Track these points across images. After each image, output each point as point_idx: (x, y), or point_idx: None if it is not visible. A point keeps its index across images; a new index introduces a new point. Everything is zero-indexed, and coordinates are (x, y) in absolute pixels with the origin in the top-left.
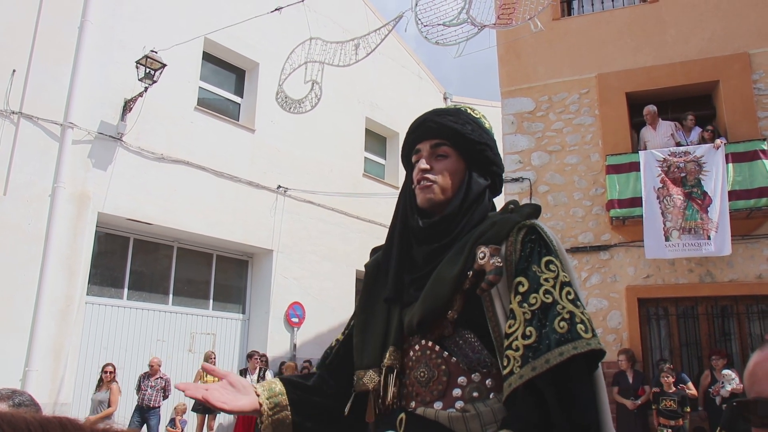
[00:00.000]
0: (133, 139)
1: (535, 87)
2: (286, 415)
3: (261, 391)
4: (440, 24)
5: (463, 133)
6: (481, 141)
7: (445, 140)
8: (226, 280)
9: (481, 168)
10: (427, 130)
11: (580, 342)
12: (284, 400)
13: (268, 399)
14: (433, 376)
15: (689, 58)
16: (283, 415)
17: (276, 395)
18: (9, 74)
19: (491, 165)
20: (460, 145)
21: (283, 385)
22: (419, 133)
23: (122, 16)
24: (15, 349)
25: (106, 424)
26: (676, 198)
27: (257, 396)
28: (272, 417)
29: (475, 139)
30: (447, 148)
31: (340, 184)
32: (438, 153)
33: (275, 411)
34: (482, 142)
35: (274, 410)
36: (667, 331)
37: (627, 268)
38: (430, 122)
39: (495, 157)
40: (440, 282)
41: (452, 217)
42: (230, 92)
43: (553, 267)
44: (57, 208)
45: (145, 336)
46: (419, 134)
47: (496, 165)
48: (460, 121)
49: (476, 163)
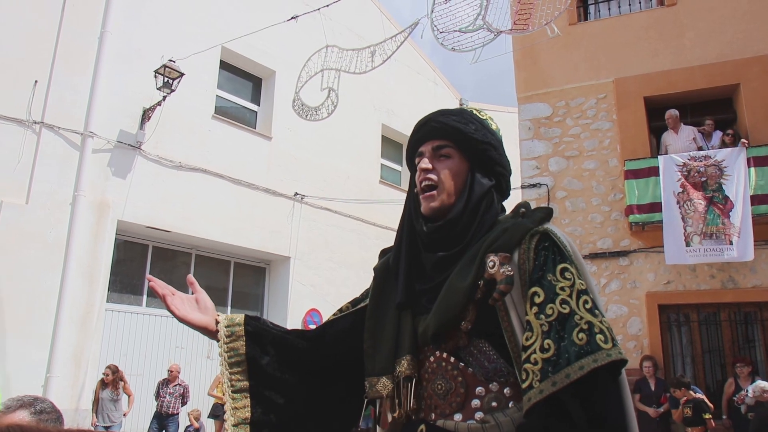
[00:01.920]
0: (151, 148)
1: (552, 92)
2: (240, 345)
3: (221, 318)
4: (456, 30)
5: (466, 133)
6: (484, 140)
7: (448, 141)
8: (243, 287)
9: (484, 169)
10: (430, 131)
11: (600, 354)
12: (240, 331)
13: (226, 327)
14: (451, 388)
15: (708, 61)
16: (238, 344)
17: (234, 325)
18: (31, 85)
19: (495, 165)
20: (463, 144)
21: (244, 321)
22: (422, 134)
23: (141, 26)
24: (37, 355)
25: None
26: (697, 203)
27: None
28: (228, 344)
29: (478, 139)
30: (450, 149)
31: (357, 191)
32: (441, 154)
33: (231, 339)
34: (485, 142)
35: (230, 338)
36: (688, 338)
37: (647, 274)
38: (433, 122)
39: (499, 157)
40: (453, 293)
41: (457, 220)
42: (247, 100)
43: (569, 275)
44: (77, 216)
45: (163, 343)
46: (422, 135)
47: (501, 165)
48: (463, 120)
49: (480, 163)
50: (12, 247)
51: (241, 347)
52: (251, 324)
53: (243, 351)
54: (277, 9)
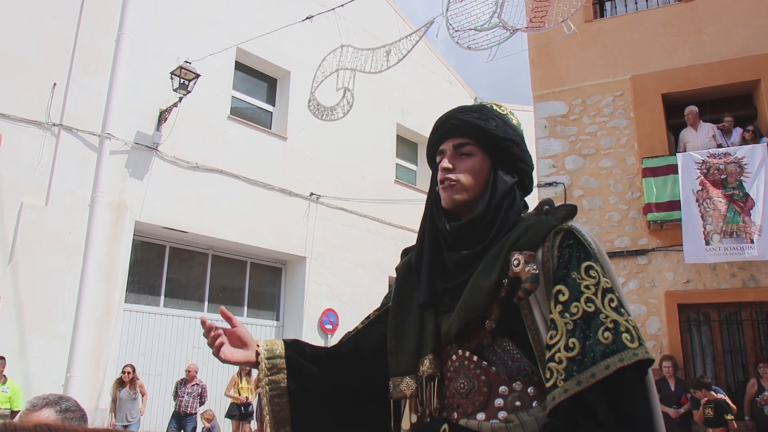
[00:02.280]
0: (168, 149)
1: (568, 90)
2: (282, 378)
3: (262, 350)
4: (471, 28)
5: (487, 129)
6: (506, 137)
7: (469, 138)
8: (260, 287)
9: (507, 165)
10: (450, 129)
11: (626, 353)
12: (282, 363)
13: (267, 359)
14: (474, 387)
15: (728, 57)
16: (279, 377)
17: (275, 357)
18: (50, 88)
19: (518, 162)
20: (485, 142)
21: (284, 348)
22: (442, 132)
23: (157, 28)
24: (57, 355)
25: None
26: (717, 201)
27: (257, 354)
28: (269, 377)
29: (500, 135)
30: (471, 147)
31: (372, 191)
32: (462, 152)
33: (272, 371)
34: (507, 138)
35: (271, 371)
36: (708, 337)
37: (666, 273)
38: (453, 120)
39: (522, 153)
40: (476, 292)
41: (480, 219)
42: (262, 101)
43: (594, 273)
44: (96, 217)
45: (181, 343)
46: (442, 133)
47: (524, 162)
48: (483, 117)
49: (502, 160)
50: (32, 248)
51: (282, 380)
52: (292, 355)
53: (284, 384)
54: (292, 10)
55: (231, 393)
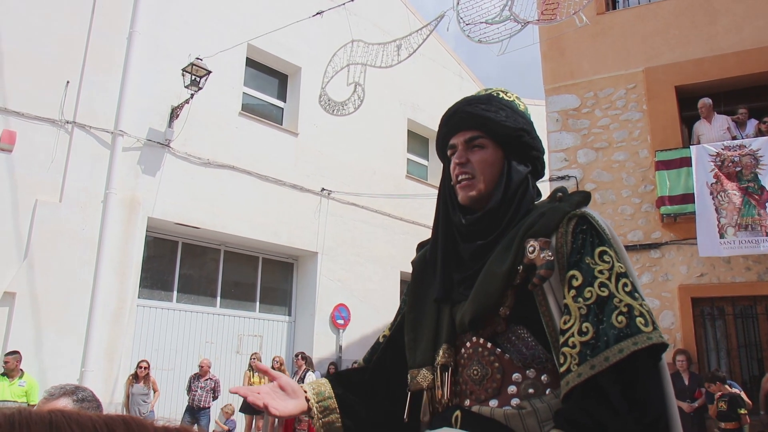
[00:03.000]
0: (180, 145)
1: (580, 83)
2: (336, 418)
3: (311, 395)
4: (482, 22)
5: (497, 121)
6: (517, 127)
7: (480, 131)
8: (272, 282)
9: (519, 155)
10: (459, 122)
11: (640, 337)
12: (333, 404)
13: (318, 402)
14: (487, 373)
15: (743, 48)
16: (332, 417)
17: (325, 399)
18: (63, 86)
19: (530, 150)
20: (496, 133)
21: (331, 387)
22: (451, 125)
23: (168, 25)
24: (72, 350)
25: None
26: (732, 194)
27: (306, 400)
28: (323, 419)
29: (511, 126)
30: (483, 140)
31: (383, 186)
32: (474, 145)
33: (325, 413)
34: (519, 128)
35: (324, 413)
36: (723, 331)
37: (679, 266)
38: (462, 113)
39: (533, 141)
40: (490, 279)
41: (495, 211)
42: (273, 97)
43: (608, 258)
44: (109, 214)
45: (194, 338)
46: (452, 126)
47: (535, 149)
48: (492, 108)
49: (514, 150)
50: (47, 244)
51: (336, 420)
52: (340, 393)
53: (339, 424)
54: (302, 5)
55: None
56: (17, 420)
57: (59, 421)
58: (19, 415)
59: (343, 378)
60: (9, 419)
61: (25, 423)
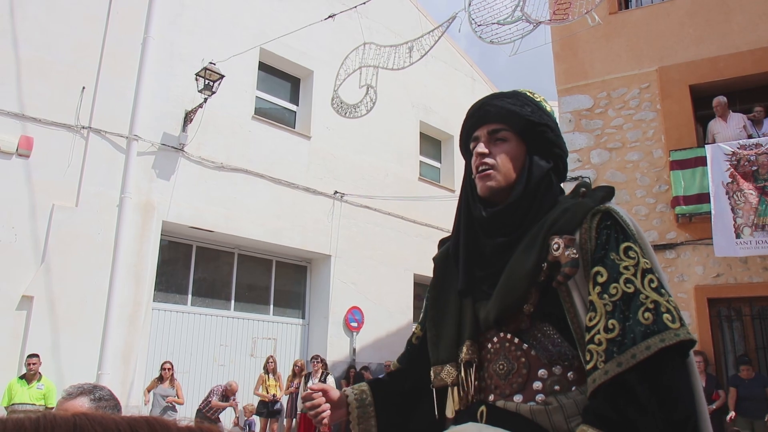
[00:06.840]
0: (194, 149)
1: (593, 83)
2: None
3: (352, 399)
4: (494, 23)
5: (522, 115)
6: (541, 122)
7: (504, 124)
8: (285, 285)
9: (542, 151)
10: (484, 115)
11: (667, 333)
12: (372, 411)
13: (357, 408)
14: (513, 368)
15: (758, 45)
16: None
17: (365, 406)
18: (79, 91)
19: (553, 147)
20: (520, 127)
21: (372, 396)
22: (477, 118)
23: (181, 31)
24: (88, 353)
25: (189, 421)
26: (748, 193)
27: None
28: (360, 426)
29: (535, 120)
30: (506, 133)
31: (396, 189)
32: (497, 137)
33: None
34: (542, 123)
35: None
36: (740, 333)
37: (695, 267)
38: (488, 106)
39: (557, 138)
40: (514, 276)
41: (516, 204)
42: (286, 100)
43: (633, 254)
44: (124, 218)
45: (208, 341)
46: (477, 119)
47: (559, 147)
48: (518, 102)
49: (537, 145)
50: (63, 248)
51: (372, 427)
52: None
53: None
54: (314, 9)
55: (259, 391)
56: (42, 424)
57: (83, 423)
58: (44, 419)
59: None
60: (34, 423)
61: (50, 426)
